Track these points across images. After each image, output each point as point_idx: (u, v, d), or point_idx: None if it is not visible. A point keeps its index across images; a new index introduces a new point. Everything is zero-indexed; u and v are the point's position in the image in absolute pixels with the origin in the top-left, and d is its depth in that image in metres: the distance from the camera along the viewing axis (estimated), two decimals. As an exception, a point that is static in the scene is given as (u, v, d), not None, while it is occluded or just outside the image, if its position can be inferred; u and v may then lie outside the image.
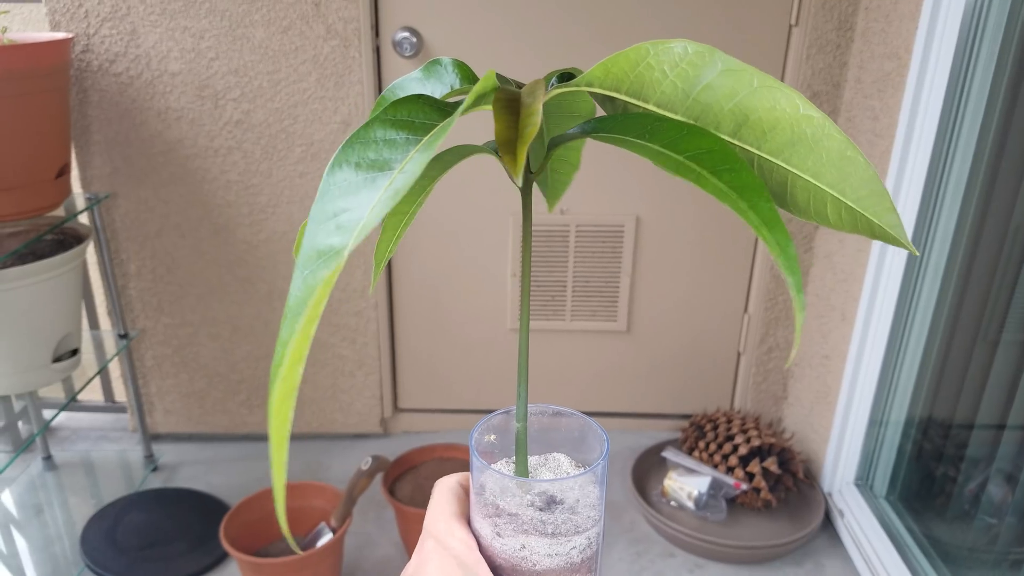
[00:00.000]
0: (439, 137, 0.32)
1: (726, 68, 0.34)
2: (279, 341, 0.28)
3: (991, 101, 1.30)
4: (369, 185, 0.31)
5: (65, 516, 1.68)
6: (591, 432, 0.43)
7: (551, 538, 0.38)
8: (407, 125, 0.34)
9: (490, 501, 0.39)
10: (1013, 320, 1.32)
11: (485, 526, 0.39)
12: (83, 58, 1.57)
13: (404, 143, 0.33)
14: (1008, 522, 1.37)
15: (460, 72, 0.44)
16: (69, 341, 1.50)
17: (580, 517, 0.39)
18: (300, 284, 0.29)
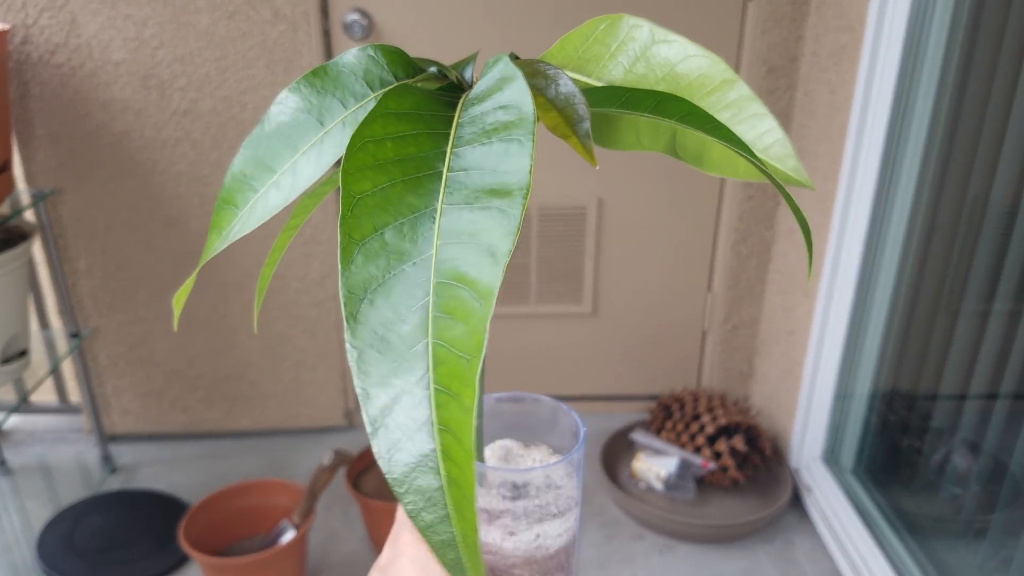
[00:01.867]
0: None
1: (662, 39, 0.36)
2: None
3: (944, 70, 1.29)
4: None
5: (22, 521, 1.63)
6: (562, 416, 0.42)
7: (525, 527, 0.37)
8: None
9: None
10: (973, 290, 1.32)
11: None
12: (22, 49, 1.52)
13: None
14: (972, 491, 1.38)
15: (389, 62, 0.35)
16: (17, 342, 1.45)
17: (554, 502, 0.38)
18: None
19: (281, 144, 0.33)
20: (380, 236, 0.26)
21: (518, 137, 0.26)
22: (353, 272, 0.25)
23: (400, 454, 0.24)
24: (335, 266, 1.73)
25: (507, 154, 0.26)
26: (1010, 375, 1.25)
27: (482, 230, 0.25)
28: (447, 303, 0.25)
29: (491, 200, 0.26)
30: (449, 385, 0.24)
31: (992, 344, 1.28)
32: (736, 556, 1.53)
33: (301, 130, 0.33)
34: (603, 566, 1.51)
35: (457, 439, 0.24)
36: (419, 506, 0.24)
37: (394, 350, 0.25)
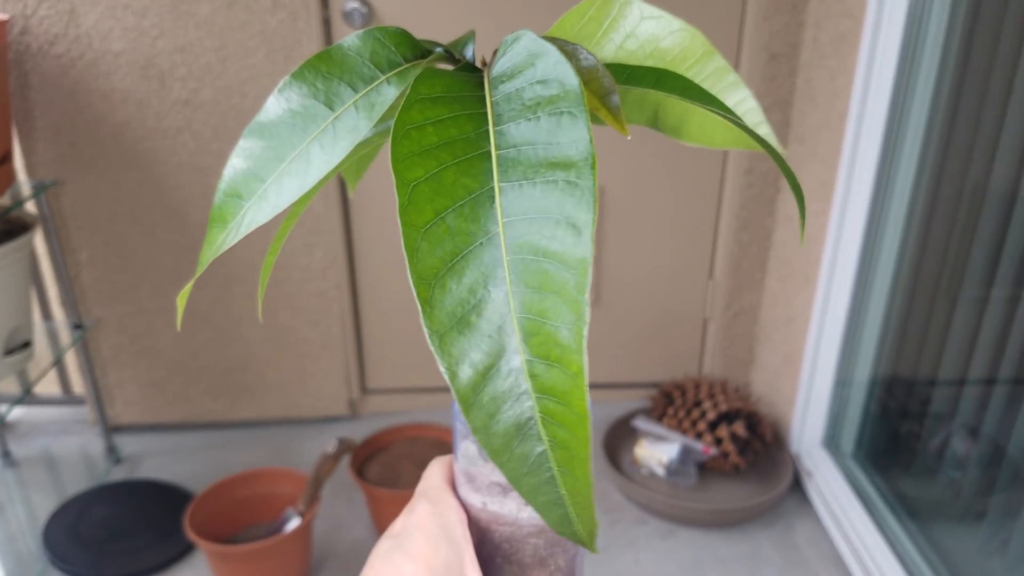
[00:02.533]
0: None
1: (649, 15, 0.37)
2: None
3: (945, 55, 1.30)
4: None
5: (27, 512, 1.64)
6: None
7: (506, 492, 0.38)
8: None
9: (468, 467, 0.39)
10: (972, 276, 1.33)
11: (469, 492, 0.39)
12: (21, 40, 1.51)
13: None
14: (971, 475, 1.40)
15: (395, 43, 0.36)
16: (20, 333, 1.45)
17: None
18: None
19: (288, 131, 0.32)
20: (441, 221, 0.26)
21: (568, 109, 0.27)
22: (420, 259, 0.26)
23: (497, 426, 0.25)
24: (337, 255, 1.74)
25: (559, 127, 0.27)
26: (1008, 360, 1.25)
27: (553, 204, 0.25)
28: (530, 278, 0.25)
29: (554, 173, 0.26)
30: (547, 355, 0.25)
31: (990, 329, 1.29)
32: (737, 540, 1.54)
33: (309, 116, 0.32)
34: (606, 550, 1.52)
35: (564, 404, 0.24)
36: (521, 472, 0.25)
37: (475, 329, 0.25)
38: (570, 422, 0.24)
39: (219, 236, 0.33)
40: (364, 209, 1.74)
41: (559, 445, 0.25)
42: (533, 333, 0.25)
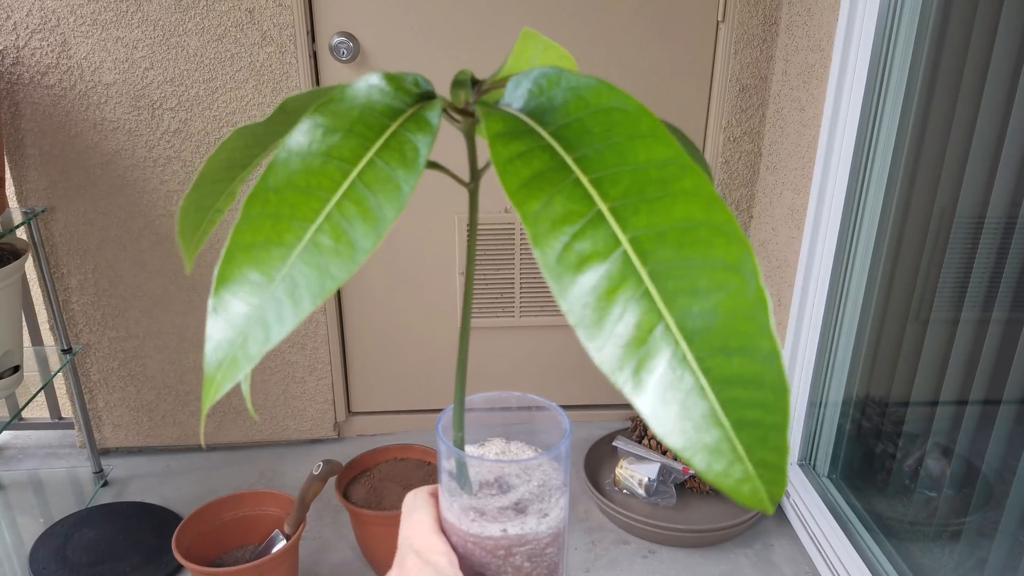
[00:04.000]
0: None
1: (549, 47, 0.39)
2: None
3: (910, 87, 1.35)
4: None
5: (13, 536, 1.65)
6: (543, 415, 0.44)
7: (515, 517, 0.40)
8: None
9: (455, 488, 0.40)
10: (941, 299, 1.37)
11: (455, 512, 0.40)
12: (13, 71, 1.55)
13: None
14: (946, 494, 1.43)
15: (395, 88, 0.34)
16: (10, 358, 1.47)
17: (542, 494, 0.41)
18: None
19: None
20: (570, 248, 0.27)
21: (646, 132, 0.29)
22: (566, 286, 0.27)
23: (687, 424, 0.26)
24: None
25: (636, 144, 0.29)
26: (979, 381, 1.29)
27: (678, 207, 0.27)
28: (676, 284, 0.26)
29: (647, 187, 0.28)
30: (725, 344, 0.26)
31: (961, 351, 1.32)
32: (717, 559, 1.57)
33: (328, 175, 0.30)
34: (588, 571, 1.54)
35: (756, 384, 0.25)
36: (708, 460, 0.26)
37: (636, 339, 0.26)
38: (767, 399, 0.26)
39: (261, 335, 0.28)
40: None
41: (750, 424, 0.26)
42: (701, 330, 0.26)
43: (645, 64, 1.66)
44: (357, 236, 0.28)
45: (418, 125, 0.31)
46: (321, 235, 0.29)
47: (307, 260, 0.28)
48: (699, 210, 0.27)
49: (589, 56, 1.65)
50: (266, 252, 0.29)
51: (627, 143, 0.29)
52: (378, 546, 1.52)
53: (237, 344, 0.28)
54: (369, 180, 0.29)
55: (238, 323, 0.28)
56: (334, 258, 0.28)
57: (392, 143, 0.30)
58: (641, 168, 0.28)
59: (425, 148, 0.30)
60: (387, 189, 0.29)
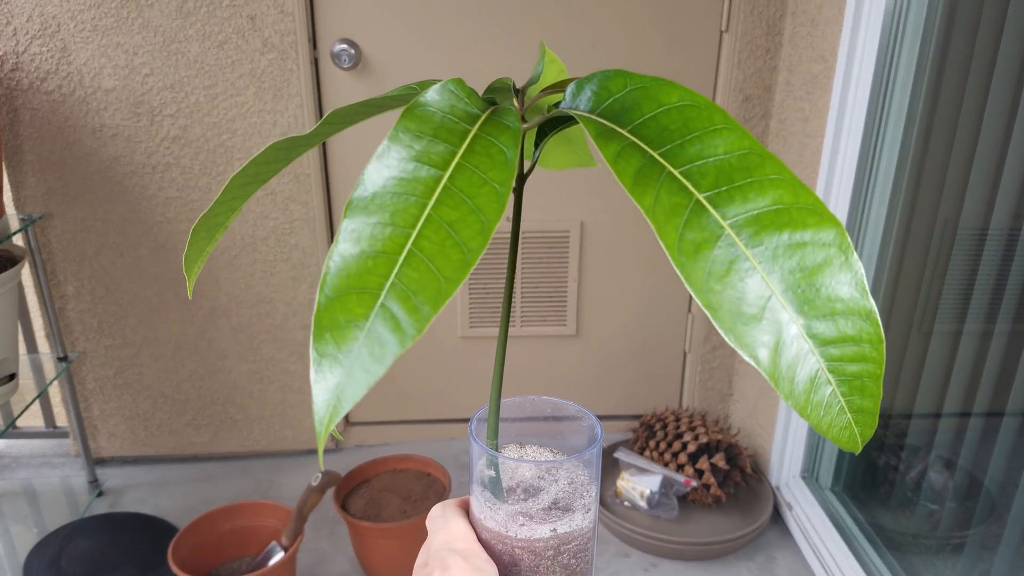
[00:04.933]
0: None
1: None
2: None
3: (914, 98, 1.34)
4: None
5: (7, 546, 1.63)
6: (570, 419, 0.45)
7: (563, 515, 0.40)
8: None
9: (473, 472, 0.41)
10: (944, 311, 1.37)
11: (499, 521, 0.40)
12: (12, 76, 1.54)
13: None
14: (948, 507, 1.42)
15: (467, 95, 0.37)
16: (5, 366, 1.46)
17: (575, 491, 0.41)
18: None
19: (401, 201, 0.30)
20: (682, 237, 0.29)
21: (723, 125, 0.31)
22: (689, 273, 0.29)
23: (798, 387, 0.29)
24: (322, 289, 1.75)
25: (718, 137, 0.31)
26: (983, 394, 1.28)
27: (767, 193, 0.29)
28: (781, 263, 0.29)
29: (734, 175, 0.30)
30: (831, 311, 0.29)
31: (965, 364, 1.32)
32: (720, 573, 1.55)
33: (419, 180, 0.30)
34: (588, 584, 1.53)
35: (857, 341, 0.29)
36: (820, 415, 0.29)
37: (752, 316, 0.29)
38: (867, 355, 0.29)
39: (344, 343, 0.28)
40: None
41: (852, 378, 0.29)
42: (806, 300, 0.29)
43: (648, 73, 1.65)
44: (463, 238, 0.29)
45: (498, 129, 0.32)
46: (423, 240, 0.29)
47: (413, 265, 0.28)
48: (787, 194, 0.29)
49: (592, 66, 1.64)
50: (371, 261, 0.29)
51: (705, 137, 0.31)
52: (377, 558, 1.51)
53: (353, 370, 0.28)
54: (462, 184, 0.30)
55: (351, 347, 0.28)
56: (442, 261, 0.28)
57: (476, 147, 0.31)
58: (723, 159, 0.30)
59: (512, 151, 0.31)
60: (483, 192, 0.30)
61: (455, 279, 0.28)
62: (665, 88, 0.33)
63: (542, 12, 1.60)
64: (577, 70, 1.56)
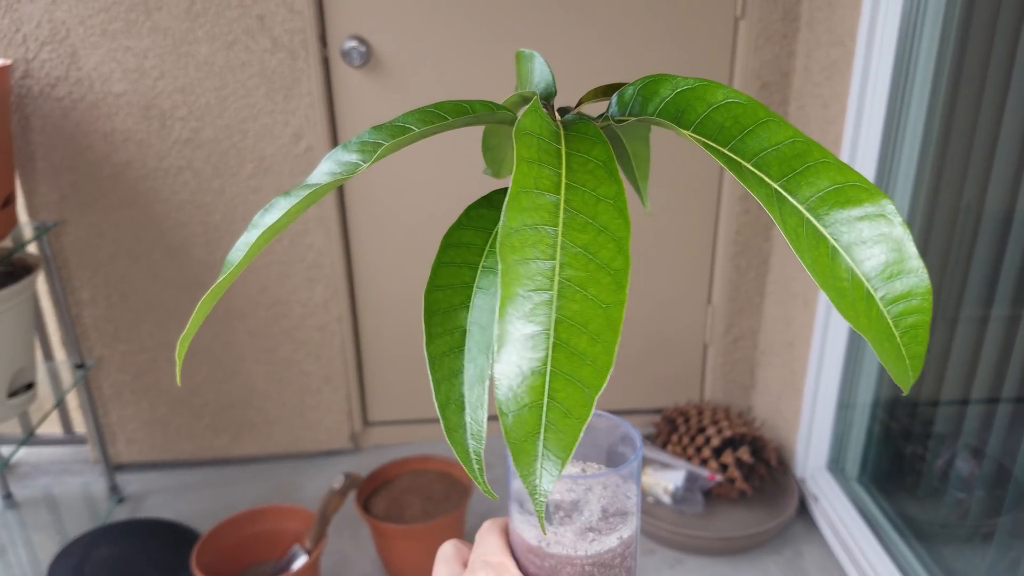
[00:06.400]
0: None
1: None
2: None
3: (936, 82, 1.32)
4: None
5: (29, 555, 1.63)
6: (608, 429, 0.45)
7: (624, 521, 0.40)
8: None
9: (523, 498, 0.40)
10: (969, 297, 1.34)
11: (568, 543, 0.40)
12: (23, 83, 1.53)
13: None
14: (977, 495, 1.40)
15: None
16: (24, 375, 1.45)
17: (619, 494, 0.41)
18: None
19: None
20: (787, 224, 0.32)
21: (769, 117, 0.33)
22: (804, 258, 0.32)
23: (880, 343, 0.32)
24: (338, 289, 1.74)
25: (769, 129, 0.33)
26: (1010, 379, 1.26)
27: (822, 176, 0.32)
28: (848, 238, 0.32)
29: (793, 163, 0.32)
30: (891, 274, 0.31)
31: (991, 349, 1.30)
32: (746, 568, 1.53)
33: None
34: (614, 582, 1.51)
35: (910, 296, 0.31)
36: (892, 365, 0.32)
37: (845, 288, 0.32)
38: (917, 307, 0.32)
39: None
40: (365, 243, 1.75)
41: (907, 331, 0.32)
42: (873, 268, 0.31)
43: (663, 63, 1.63)
44: (605, 259, 0.30)
45: (586, 144, 0.33)
46: (568, 270, 0.29)
47: (569, 296, 0.29)
48: (838, 174, 0.31)
49: (605, 56, 1.62)
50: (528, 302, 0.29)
51: (758, 130, 0.32)
52: (400, 560, 1.49)
53: (544, 410, 0.29)
54: (579, 205, 0.30)
55: (528, 381, 0.29)
56: (594, 288, 0.29)
57: (574, 165, 0.32)
58: (777, 148, 0.32)
59: (611, 164, 0.32)
60: (601, 210, 0.30)
61: (616, 303, 0.29)
62: (711, 88, 0.34)
63: (554, 4, 1.58)
64: (591, 62, 1.54)
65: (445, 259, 0.34)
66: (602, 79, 1.56)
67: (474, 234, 0.35)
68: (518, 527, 0.40)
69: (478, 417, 0.36)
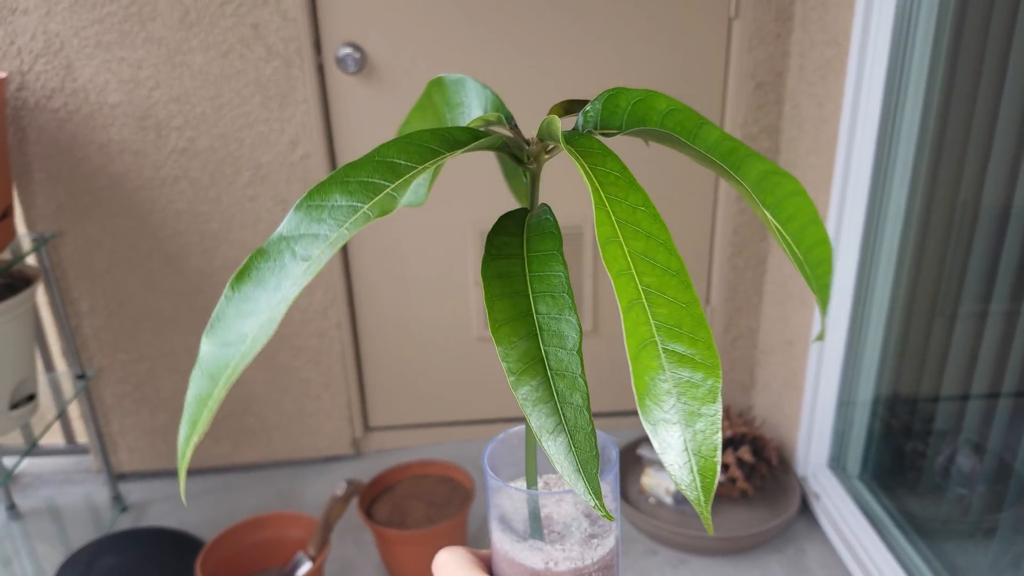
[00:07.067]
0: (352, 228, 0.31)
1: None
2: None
3: (931, 80, 1.32)
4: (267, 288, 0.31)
5: (34, 566, 1.63)
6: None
7: (612, 530, 0.40)
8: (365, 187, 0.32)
9: (512, 524, 0.39)
10: (967, 293, 1.34)
11: (574, 556, 0.39)
12: (18, 96, 1.53)
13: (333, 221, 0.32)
14: (979, 491, 1.40)
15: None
16: (25, 386, 1.45)
17: (595, 526, 0.40)
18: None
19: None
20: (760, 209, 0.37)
21: (698, 123, 0.37)
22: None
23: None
24: (337, 295, 1.75)
25: (700, 128, 0.37)
26: (1010, 374, 1.26)
27: (754, 165, 0.36)
28: (782, 215, 0.36)
29: (729, 157, 0.36)
30: (794, 226, 0.36)
31: (990, 344, 1.30)
32: (749, 567, 1.54)
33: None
34: (617, 583, 1.51)
35: (824, 244, 0.37)
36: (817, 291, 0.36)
37: (782, 238, 0.36)
38: (824, 256, 0.37)
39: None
40: (363, 248, 1.76)
41: (816, 264, 0.37)
42: (785, 223, 0.36)
43: (657, 63, 1.63)
44: (663, 263, 0.31)
45: (594, 156, 0.35)
46: (644, 277, 0.31)
47: (653, 302, 0.31)
48: (763, 162, 0.35)
49: (599, 57, 1.62)
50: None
51: (699, 131, 0.35)
52: (403, 565, 1.50)
53: (688, 422, 0.30)
54: (623, 215, 0.34)
55: (668, 402, 0.30)
56: (670, 291, 0.30)
57: (600, 178, 0.34)
58: (715, 145, 0.35)
59: (623, 169, 0.34)
60: (639, 217, 0.33)
61: (692, 300, 0.30)
62: (655, 97, 0.36)
63: (548, 6, 1.58)
64: (585, 63, 1.54)
65: (495, 292, 0.33)
66: (598, 79, 1.57)
67: (510, 263, 0.35)
68: (517, 556, 0.39)
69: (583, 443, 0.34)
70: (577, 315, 0.33)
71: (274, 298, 0.30)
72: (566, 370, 0.32)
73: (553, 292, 0.34)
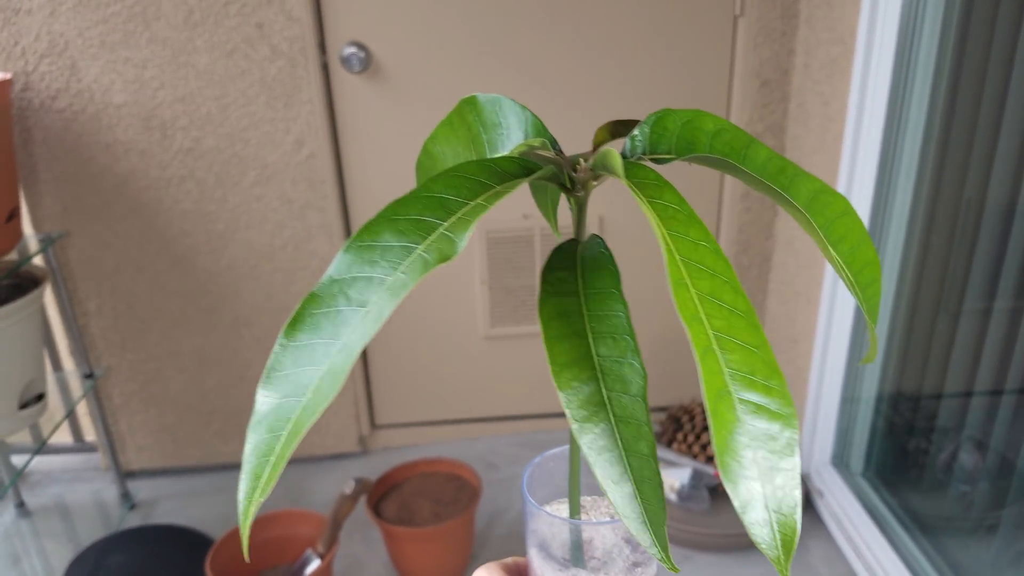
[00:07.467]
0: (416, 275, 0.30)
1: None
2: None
3: (936, 78, 1.32)
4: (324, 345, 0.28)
5: (43, 563, 1.64)
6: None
7: (636, 569, 0.40)
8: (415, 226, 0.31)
9: (551, 550, 0.39)
10: (972, 291, 1.35)
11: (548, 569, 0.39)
12: (24, 96, 1.53)
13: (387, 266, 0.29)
14: (981, 488, 1.41)
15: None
16: (34, 386, 1.46)
17: (636, 554, 0.40)
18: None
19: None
20: (808, 223, 0.36)
21: (745, 144, 0.36)
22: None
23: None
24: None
25: (748, 148, 0.36)
26: (1013, 372, 1.27)
27: (804, 184, 0.35)
28: (832, 235, 0.36)
29: (779, 177, 0.35)
30: (851, 246, 0.36)
31: (994, 342, 1.30)
32: (753, 563, 1.55)
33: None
34: (623, 580, 1.53)
35: (871, 264, 0.36)
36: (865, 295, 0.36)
37: (835, 260, 0.36)
38: (871, 269, 0.36)
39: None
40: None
41: (866, 286, 0.36)
42: (840, 248, 0.36)
43: (662, 61, 1.63)
44: (729, 303, 0.30)
45: (650, 188, 0.35)
46: (713, 320, 0.30)
47: (724, 347, 0.30)
48: (813, 181, 0.34)
49: (604, 58, 1.62)
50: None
51: (747, 152, 0.35)
52: (411, 562, 1.51)
53: (768, 477, 0.29)
54: (686, 252, 0.33)
55: (746, 456, 0.29)
56: (739, 335, 0.30)
57: (659, 212, 0.34)
58: (764, 166, 0.34)
59: (685, 206, 0.34)
60: (701, 254, 0.33)
61: (762, 343, 0.28)
62: (702, 117, 0.36)
63: (553, 7, 1.57)
64: (590, 64, 1.54)
65: (554, 334, 0.32)
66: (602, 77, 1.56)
67: (567, 301, 0.34)
68: None
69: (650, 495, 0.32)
70: (640, 358, 0.32)
71: (333, 347, 0.28)
72: (631, 417, 0.31)
73: (614, 333, 0.32)
